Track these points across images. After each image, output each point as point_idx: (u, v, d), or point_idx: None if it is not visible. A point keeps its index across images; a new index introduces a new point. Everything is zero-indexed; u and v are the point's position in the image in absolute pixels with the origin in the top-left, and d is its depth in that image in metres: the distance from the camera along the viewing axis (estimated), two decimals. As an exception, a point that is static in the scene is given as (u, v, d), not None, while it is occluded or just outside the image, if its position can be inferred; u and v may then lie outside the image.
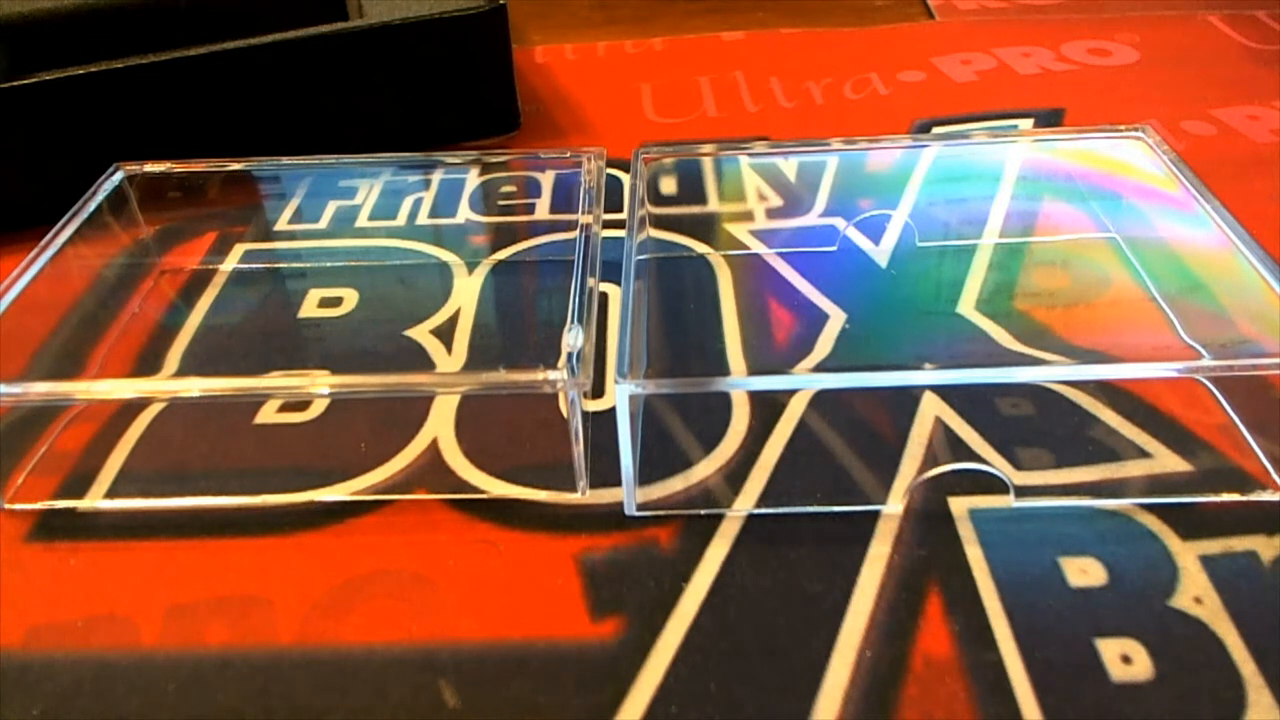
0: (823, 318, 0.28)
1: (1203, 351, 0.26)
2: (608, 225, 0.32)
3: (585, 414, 0.23)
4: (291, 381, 0.23)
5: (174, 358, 0.28)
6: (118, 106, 0.32)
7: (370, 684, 0.19)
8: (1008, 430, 0.24)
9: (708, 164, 0.35)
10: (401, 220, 0.33)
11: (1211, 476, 0.23)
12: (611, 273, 0.28)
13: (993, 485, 0.23)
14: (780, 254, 0.31)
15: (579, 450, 0.22)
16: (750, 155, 0.35)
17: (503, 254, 0.32)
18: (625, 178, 0.36)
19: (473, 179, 0.35)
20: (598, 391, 0.26)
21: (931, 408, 0.25)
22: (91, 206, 0.29)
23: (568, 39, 0.49)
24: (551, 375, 0.21)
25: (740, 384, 0.24)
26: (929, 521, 0.22)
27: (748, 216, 0.33)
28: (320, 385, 0.22)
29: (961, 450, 0.23)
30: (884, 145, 0.32)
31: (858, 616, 0.20)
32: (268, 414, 0.26)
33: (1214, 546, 0.21)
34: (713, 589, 0.21)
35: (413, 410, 0.25)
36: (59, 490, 0.24)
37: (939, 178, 0.33)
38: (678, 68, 0.45)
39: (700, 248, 0.31)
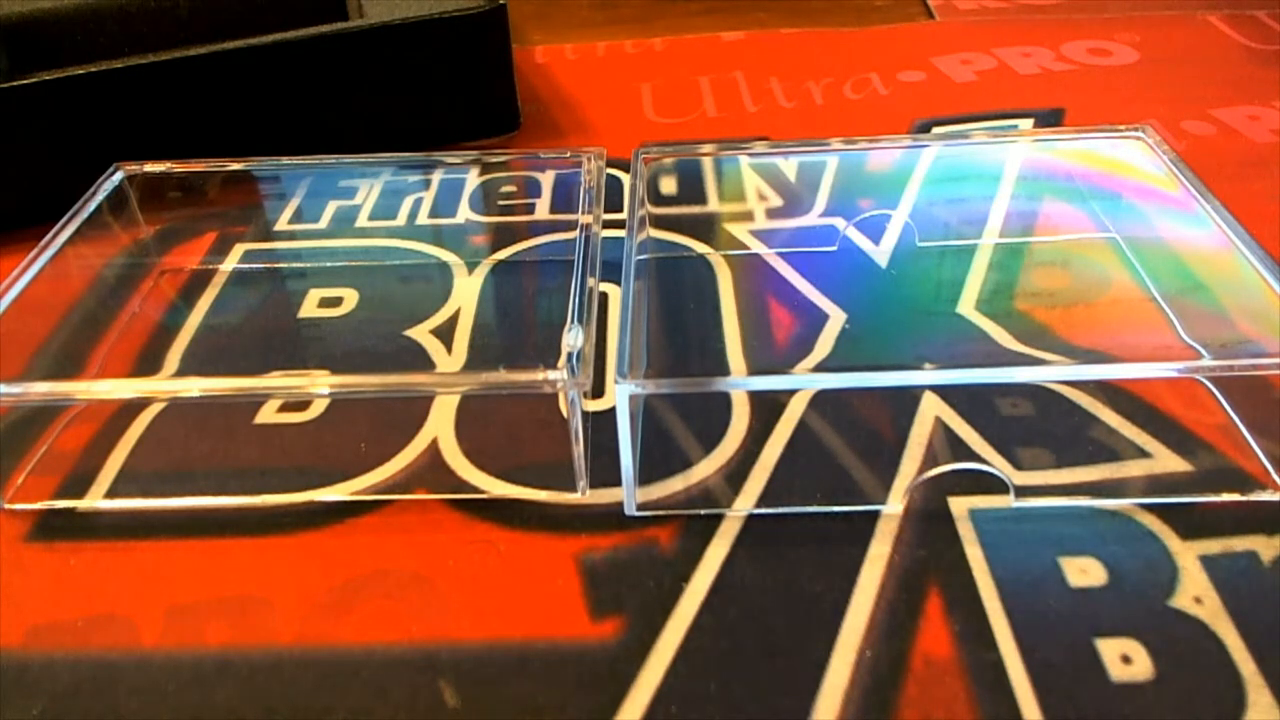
0: (823, 318, 0.28)
1: (1203, 351, 0.26)
2: (608, 225, 0.32)
3: (585, 414, 0.23)
4: (291, 381, 0.23)
5: (174, 358, 0.28)
6: (118, 106, 0.32)
7: (370, 684, 0.19)
8: (1008, 430, 0.24)
9: (708, 164, 0.35)
10: (401, 220, 0.33)
11: (1211, 476, 0.23)
12: (611, 273, 0.28)
13: (993, 485, 0.23)
14: (780, 254, 0.31)
15: (579, 450, 0.22)
16: (750, 155, 0.35)
17: (503, 254, 0.32)
18: (625, 178, 0.36)
19: (473, 179, 0.35)
20: (598, 391, 0.26)
21: (931, 408, 0.25)
22: (91, 206, 0.29)
23: (568, 39, 0.49)
24: (551, 375, 0.21)
25: (740, 384, 0.24)
26: (929, 521, 0.22)
27: (748, 216, 0.33)
28: (320, 385, 0.22)
29: (961, 450, 0.23)
30: (884, 145, 0.32)
31: (858, 616, 0.20)
32: (268, 414, 0.26)
33: (1214, 546, 0.21)
34: (713, 589, 0.21)
35: (413, 410, 0.25)
36: (59, 490, 0.24)
37: (939, 178, 0.33)
38: (678, 68, 0.45)
39: (700, 248, 0.31)
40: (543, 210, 0.34)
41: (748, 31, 0.49)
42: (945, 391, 0.25)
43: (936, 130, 0.38)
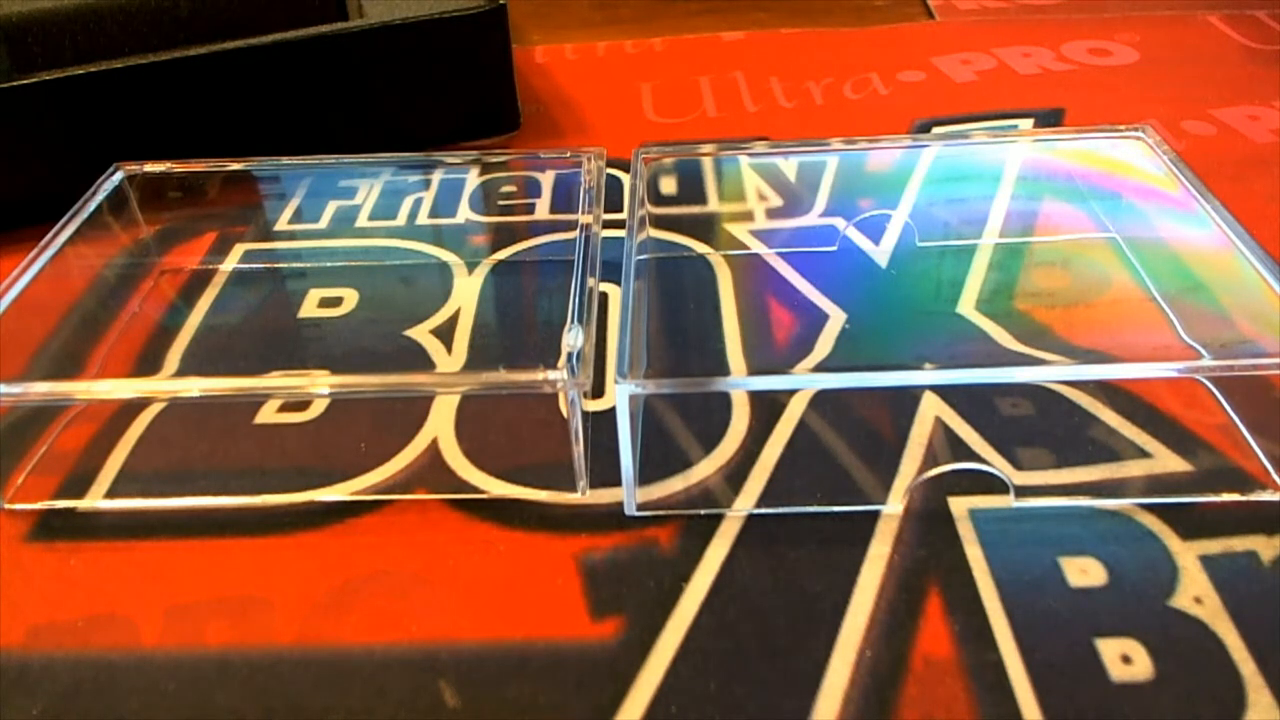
0: (823, 318, 0.28)
1: (1203, 351, 0.26)
2: (608, 225, 0.32)
3: (585, 414, 0.23)
4: (291, 381, 0.23)
5: (174, 358, 0.28)
6: (118, 106, 0.32)
7: (370, 684, 0.19)
8: (1008, 430, 0.24)
9: (708, 164, 0.35)
10: (401, 220, 0.33)
11: (1211, 476, 0.23)
12: (611, 273, 0.28)
13: (993, 485, 0.23)
14: (780, 254, 0.31)
15: (579, 450, 0.22)
16: (750, 155, 0.35)
17: (503, 254, 0.32)
18: (625, 178, 0.36)
19: (473, 179, 0.35)
20: (598, 391, 0.26)
21: (931, 408, 0.25)
22: (91, 206, 0.29)
23: (568, 39, 0.49)
24: (551, 375, 0.21)
25: (740, 384, 0.24)
26: (929, 521, 0.22)
27: (748, 216, 0.33)
28: (320, 385, 0.22)
29: (961, 450, 0.23)
30: (884, 145, 0.32)
31: (858, 616, 0.20)
32: (268, 414, 0.26)
33: (1214, 546, 0.21)
34: (713, 589, 0.21)
35: (413, 410, 0.25)
36: (59, 490, 0.24)
37: (939, 178, 0.33)
38: (678, 68, 0.45)
39: (700, 248, 0.31)
40: (543, 210, 0.34)
41: (748, 31, 0.49)
42: (945, 391, 0.25)
43: (936, 130, 0.38)
